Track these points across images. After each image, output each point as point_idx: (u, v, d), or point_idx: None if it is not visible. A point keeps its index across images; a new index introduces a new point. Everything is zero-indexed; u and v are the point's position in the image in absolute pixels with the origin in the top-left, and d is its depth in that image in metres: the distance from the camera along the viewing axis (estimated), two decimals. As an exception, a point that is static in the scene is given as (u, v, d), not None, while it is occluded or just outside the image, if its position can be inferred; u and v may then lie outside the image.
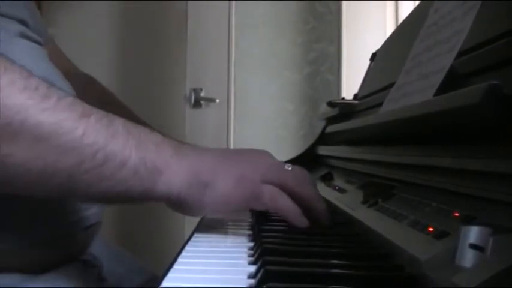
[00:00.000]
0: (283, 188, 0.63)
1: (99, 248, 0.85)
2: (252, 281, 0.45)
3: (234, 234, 0.68)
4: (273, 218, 0.73)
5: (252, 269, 0.49)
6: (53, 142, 0.53)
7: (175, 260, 0.53)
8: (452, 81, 0.58)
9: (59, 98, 0.55)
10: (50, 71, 0.77)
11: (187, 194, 0.60)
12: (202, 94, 2.24)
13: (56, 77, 0.78)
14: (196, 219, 0.75)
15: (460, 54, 0.58)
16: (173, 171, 0.59)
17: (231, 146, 2.24)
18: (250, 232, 0.67)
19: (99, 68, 2.29)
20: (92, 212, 0.78)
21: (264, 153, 0.68)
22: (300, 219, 0.63)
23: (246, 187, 0.62)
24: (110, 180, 0.56)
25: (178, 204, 0.61)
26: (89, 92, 0.88)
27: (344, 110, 1.15)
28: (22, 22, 0.78)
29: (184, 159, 0.61)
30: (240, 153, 0.68)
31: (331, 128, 1.18)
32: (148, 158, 0.58)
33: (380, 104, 0.81)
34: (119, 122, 0.59)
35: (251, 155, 0.67)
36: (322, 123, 1.35)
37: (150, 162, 0.58)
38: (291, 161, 1.34)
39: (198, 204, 0.61)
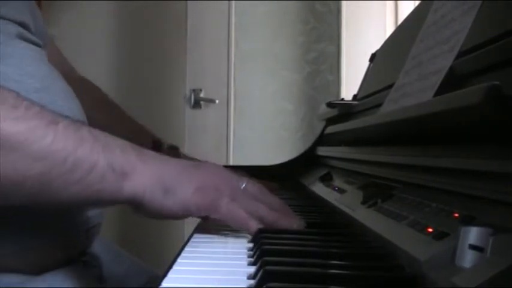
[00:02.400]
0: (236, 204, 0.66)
1: (99, 249, 0.85)
2: (252, 282, 0.45)
3: (233, 235, 0.68)
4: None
5: (252, 269, 0.49)
6: (24, 151, 0.55)
7: (175, 260, 0.53)
8: (452, 81, 0.58)
9: (27, 107, 0.56)
10: (48, 73, 0.76)
11: (150, 197, 0.62)
12: (202, 95, 2.24)
13: (55, 79, 0.77)
14: (197, 220, 0.75)
15: (460, 54, 0.58)
16: (139, 174, 0.61)
17: (231, 147, 2.23)
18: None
19: (99, 68, 2.29)
20: (93, 213, 0.78)
21: (220, 168, 0.71)
22: (253, 229, 0.64)
23: (205, 197, 0.64)
24: (79, 184, 0.58)
25: (140, 207, 0.62)
26: (85, 96, 0.88)
27: (344, 111, 1.15)
28: (22, 24, 0.78)
29: (149, 163, 0.63)
30: (200, 165, 0.70)
31: (330, 129, 1.18)
32: (115, 162, 0.60)
33: (380, 105, 0.81)
34: (85, 129, 0.61)
35: (210, 169, 0.69)
36: (322, 124, 1.35)
37: (117, 166, 0.60)
38: (291, 162, 1.34)
39: (158, 208, 0.62)
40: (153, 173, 0.63)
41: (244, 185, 0.69)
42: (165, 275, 0.47)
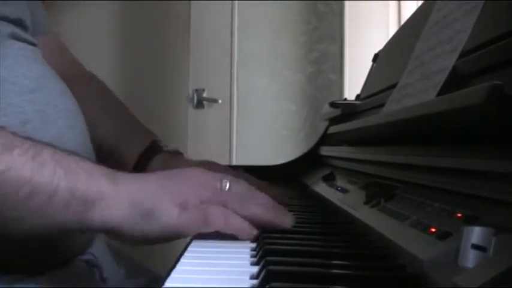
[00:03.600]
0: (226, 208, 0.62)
1: (100, 248, 0.85)
2: (255, 282, 0.45)
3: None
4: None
5: (255, 269, 0.49)
6: None
7: (177, 260, 0.53)
8: (454, 81, 0.58)
9: None
10: (43, 73, 0.76)
11: (127, 224, 0.58)
12: (204, 95, 2.24)
13: (50, 78, 0.77)
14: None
15: (463, 54, 0.58)
16: (109, 200, 0.57)
17: (234, 147, 2.23)
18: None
19: (101, 68, 2.28)
20: None
21: (199, 173, 0.65)
22: (250, 235, 0.62)
23: (191, 214, 0.59)
24: (38, 214, 0.55)
25: (119, 235, 0.59)
26: (83, 91, 0.87)
27: (346, 111, 1.15)
28: (17, 21, 0.77)
29: (122, 187, 0.59)
30: (177, 176, 0.65)
31: (333, 129, 1.18)
32: (78, 189, 0.56)
33: (382, 105, 0.81)
34: (47, 152, 0.57)
35: (189, 177, 0.64)
36: (325, 124, 1.35)
37: (80, 193, 0.56)
38: (294, 161, 1.34)
39: (139, 234, 0.58)
40: (126, 197, 0.58)
41: (228, 186, 0.64)
42: (168, 274, 0.47)
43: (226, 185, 0.64)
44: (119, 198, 0.58)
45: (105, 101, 1.02)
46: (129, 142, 0.93)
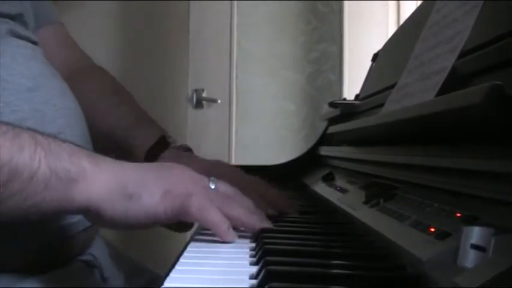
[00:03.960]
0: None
1: (100, 249, 0.85)
2: (254, 282, 0.45)
3: (235, 234, 0.68)
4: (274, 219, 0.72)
5: (254, 269, 0.49)
6: None
7: (177, 260, 0.53)
8: (454, 81, 0.58)
9: None
10: (42, 71, 0.75)
11: (110, 205, 0.57)
12: (204, 95, 2.24)
13: (49, 77, 0.76)
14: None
15: (462, 54, 0.58)
16: (91, 180, 0.56)
17: (233, 146, 2.23)
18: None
19: (101, 68, 2.29)
20: None
21: (187, 169, 0.66)
22: (226, 234, 0.61)
23: (174, 200, 0.59)
24: (20, 195, 0.53)
25: (99, 216, 0.58)
26: (91, 84, 0.87)
27: (346, 111, 1.15)
28: (17, 17, 0.77)
29: (104, 168, 0.58)
30: (165, 167, 0.65)
31: (332, 129, 1.18)
32: (60, 168, 0.55)
33: (382, 105, 0.81)
34: (27, 134, 0.56)
35: (175, 170, 0.65)
36: (324, 124, 1.35)
37: (62, 171, 0.55)
38: (293, 161, 1.34)
39: (121, 216, 0.58)
40: (110, 178, 0.58)
41: (214, 186, 0.65)
42: (167, 274, 0.47)
43: (213, 184, 0.65)
44: (101, 179, 0.57)
45: (116, 92, 1.01)
46: (139, 134, 0.92)
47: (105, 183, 0.57)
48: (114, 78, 1.06)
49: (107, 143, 0.82)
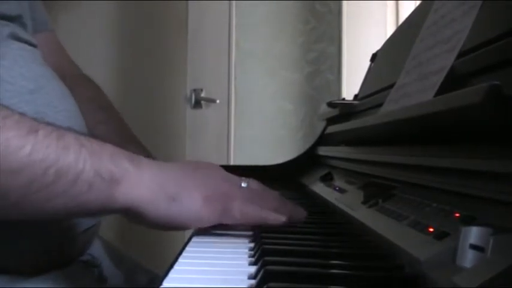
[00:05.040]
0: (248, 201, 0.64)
1: (99, 249, 0.85)
2: (253, 282, 0.45)
3: (234, 234, 0.68)
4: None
5: (253, 269, 0.49)
6: (2, 163, 0.51)
7: (175, 260, 0.53)
8: (452, 81, 0.58)
9: (4, 116, 0.53)
10: (43, 73, 0.75)
11: (153, 206, 0.58)
12: (202, 94, 2.24)
13: (50, 79, 0.76)
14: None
15: (461, 54, 0.58)
16: (133, 181, 0.57)
17: (232, 146, 2.23)
18: (250, 233, 0.67)
19: (99, 68, 2.29)
20: None
21: (219, 170, 0.68)
22: (278, 218, 0.64)
23: (216, 205, 0.61)
24: (65, 196, 0.54)
25: (140, 217, 0.58)
26: (79, 96, 0.87)
27: (344, 111, 1.15)
28: (16, 19, 0.77)
29: (145, 169, 0.59)
30: (199, 169, 0.66)
31: (331, 129, 1.18)
32: (103, 169, 0.56)
33: (380, 105, 0.81)
34: (71, 135, 0.57)
35: (211, 172, 0.66)
36: (323, 124, 1.35)
37: (105, 173, 0.56)
38: (292, 162, 1.34)
39: (165, 217, 0.59)
40: (152, 179, 0.59)
41: (246, 184, 0.67)
42: (166, 274, 0.47)
43: (244, 183, 0.67)
44: (143, 180, 0.58)
45: (106, 108, 1.02)
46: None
47: (147, 184, 0.58)
48: (103, 92, 1.06)
49: None
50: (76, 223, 0.74)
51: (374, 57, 1.24)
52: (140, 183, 0.58)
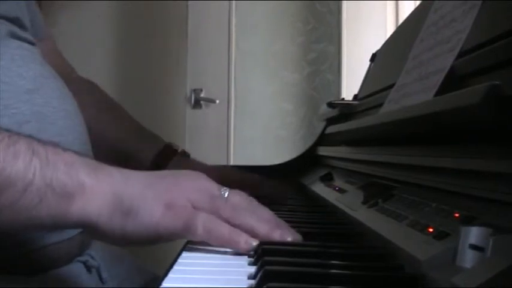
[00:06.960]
0: (218, 217, 0.56)
1: (99, 249, 0.85)
2: (252, 282, 0.45)
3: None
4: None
5: (252, 269, 0.49)
6: None
7: (175, 260, 0.53)
8: (452, 81, 0.58)
9: None
10: (41, 73, 0.74)
11: (107, 221, 0.53)
12: (202, 95, 2.24)
13: (49, 78, 0.76)
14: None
15: (461, 54, 0.58)
16: (89, 194, 0.53)
17: (231, 147, 2.24)
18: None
19: (99, 68, 2.29)
20: None
21: (198, 177, 0.61)
22: (244, 246, 0.55)
23: (176, 217, 0.54)
24: (12, 208, 0.50)
25: (99, 233, 0.54)
26: (89, 98, 0.87)
27: (344, 111, 1.15)
28: (14, 20, 0.76)
29: (104, 181, 0.54)
30: (172, 176, 0.61)
31: (331, 129, 1.18)
32: (55, 181, 0.52)
33: (380, 105, 0.81)
34: (24, 142, 0.52)
35: (184, 179, 0.60)
36: (322, 124, 1.35)
37: (58, 185, 0.52)
38: (292, 162, 1.34)
39: (119, 234, 0.53)
40: (108, 192, 0.53)
41: (226, 195, 0.59)
42: (165, 274, 0.47)
43: (224, 194, 0.59)
44: (100, 193, 0.53)
45: (113, 108, 1.03)
46: (144, 146, 0.94)
47: (102, 198, 0.53)
48: (106, 93, 1.06)
49: (109, 158, 0.82)
50: None
51: (374, 57, 1.24)
52: (95, 197, 0.53)
